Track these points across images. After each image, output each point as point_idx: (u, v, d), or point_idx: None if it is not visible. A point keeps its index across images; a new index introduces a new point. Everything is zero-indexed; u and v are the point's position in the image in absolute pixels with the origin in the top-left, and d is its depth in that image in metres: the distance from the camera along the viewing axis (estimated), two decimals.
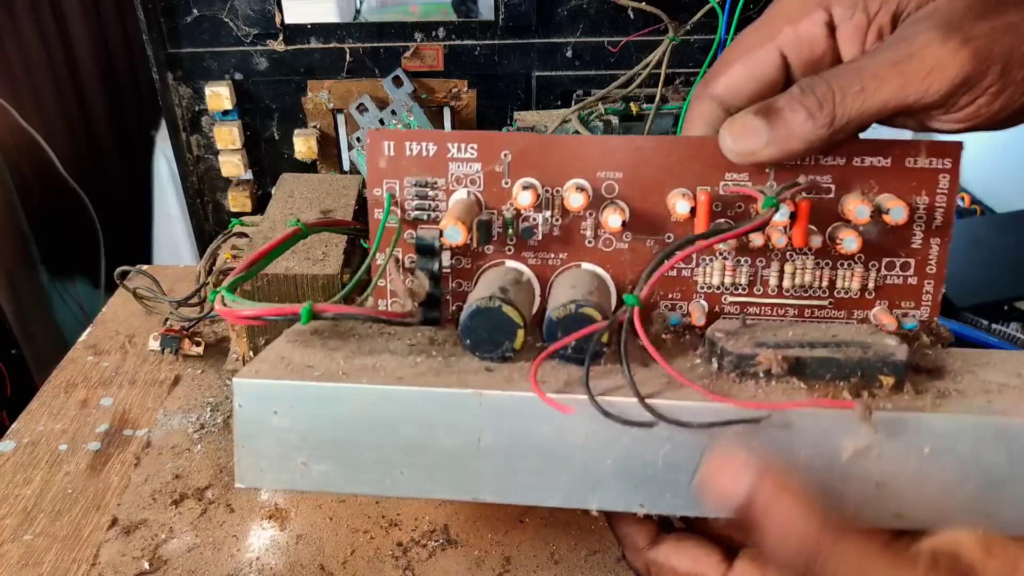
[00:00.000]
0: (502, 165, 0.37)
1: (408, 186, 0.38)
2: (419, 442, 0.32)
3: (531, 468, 0.32)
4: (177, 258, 1.46)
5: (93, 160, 1.44)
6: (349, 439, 0.33)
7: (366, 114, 0.63)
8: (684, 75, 0.65)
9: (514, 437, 0.32)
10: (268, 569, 0.43)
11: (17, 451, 0.52)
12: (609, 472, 0.32)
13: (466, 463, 0.32)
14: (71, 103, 1.38)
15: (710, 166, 0.36)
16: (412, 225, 0.38)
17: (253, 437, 0.33)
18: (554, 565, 0.44)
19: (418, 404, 0.32)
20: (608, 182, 0.37)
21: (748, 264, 0.38)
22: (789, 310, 0.38)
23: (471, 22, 0.64)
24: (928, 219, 0.37)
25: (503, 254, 0.39)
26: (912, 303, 0.38)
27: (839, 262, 0.37)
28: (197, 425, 0.53)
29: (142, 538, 0.45)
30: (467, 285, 0.39)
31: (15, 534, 0.46)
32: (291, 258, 0.47)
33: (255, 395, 0.32)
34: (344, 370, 0.33)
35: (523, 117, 0.64)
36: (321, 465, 0.33)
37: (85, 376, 0.59)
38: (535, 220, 0.38)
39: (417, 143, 0.37)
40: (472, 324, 0.34)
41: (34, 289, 1.27)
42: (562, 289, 0.36)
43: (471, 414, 0.32)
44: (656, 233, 0.38)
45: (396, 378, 0.33)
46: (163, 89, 0.65)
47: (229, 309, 0.34)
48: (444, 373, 0.33)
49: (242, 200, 0.69)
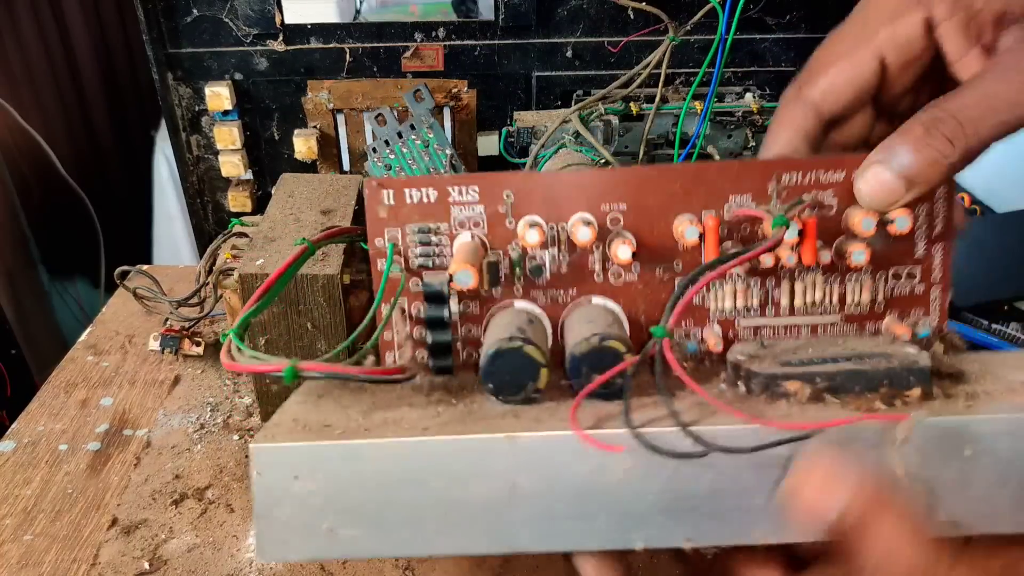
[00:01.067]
0: (505, 205, 0.37)
1: (410, 234, 0.37)
2: (451, 495, 0.31)
3: (569, 511, 0.31)
4: (177, 258, 1.46)
5: (93, 160, 1.44)
6: (377, 498, 0.31)
7: (385, 126, 0.62)
8: (684, 75, 0.65)
9: (550, 480, 0.31)
10: (268, 569, 0.43)
11: (17, 451, 0.52)
12: (651, 507, 0.31)
13: (501, 512, 0.31)
14: (71, 103, 1.38)
15: (713, 190, 0.36)
16: (416, 273, 0.38)
17: (274, 506, 0.31)
18: (553, 563, 0.43)
19: (448, 454, 0.31)
20: (613, 214, 0.37)
21: (759, 286, 0.38)
22: (802, 329, 0.38)
23: (471, 22, 0.64)
24: (929, 226, 0.37)
25: (512, 295, 0.38)
26: (922, 310, 0.38)
27: (847, 276, 0.37)
28: (197, 425, 0.53)
29: (142, 538, 0.45)
30: (477, 330, 0.39)
31: (15, 534, 0.46)
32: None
33: (274, 461, 0.31)
34: (365, 426, 0.32)
35: (523, 117, 0.64)
36: (349, 529, 0.31)
37: (85, 376, 0.59)
38: (542, 258, 0.38)
39: (417, 189, 0.37)
40: (493, 368, 0.33)
41: (34, 289, 1.27)
42: (579, 325, 0.36)
43: (504, 459, 0.31)
44: (665, 261, 0.38)
45: (421, 429, 0.31)
46: (163, 89, 0.65)
47: (236, 364, 0.33)
48: (470, 421, 0.32)
49: (242, 200, 0.69)
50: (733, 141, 0.62)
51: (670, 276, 0.38)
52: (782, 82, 0.66)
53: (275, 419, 0.33)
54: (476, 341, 0.39)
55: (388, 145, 0.62)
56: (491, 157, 0.67)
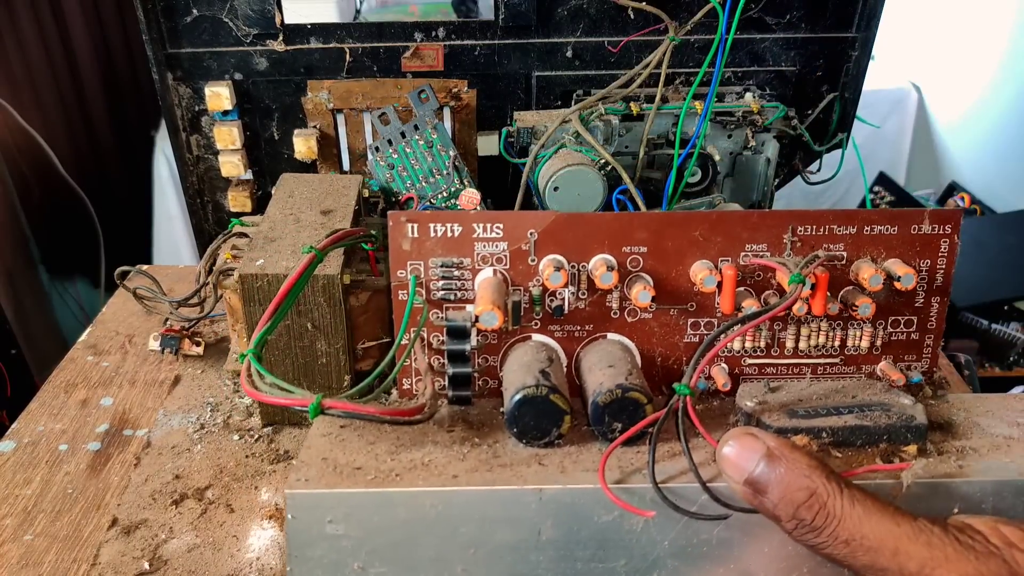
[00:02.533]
0: (528, 244, 0.38)
1: (433, 267, 0.38)
2: (478, 539, 0.32)
3: (590, 556, 0.33)
4: (177, 258, 1.46)
5: (93, 160, 1.44)
6: (407, 542, 0.32)
7: (388, 126, 0.62)
8: (684, 75, 0.65)
9: (574, 528, 0.32)
10: (268, 569, 0.43)
11: (17, 451, 0.52)
12: (667, 552, 0.33)
13: (525, 556, 0.33)
14: (71, 103, 1.38)
15: (731, 238, 0.38)
16: (437, 305, 0.39)
17: (307, 546, 0.32)
18: None
19: (478, 504, 0.32)
20: (633, 256, 0.38)
21: (767, 328, 0.40)
22: (804, 368, 0.40)
23: (471, 22, 0.64)
24: (930, 280, 0.39)
25: (530, 328, 0.39)
26: (914, 356, 0.41)
27: (850, 323, 0.40)
28: (197, 425, 0.53)
29: (142, 538, 0.45)
30: (493, 360, 0.39)
31: (15, 534, 0.46)
32: (292, 259, 0.47)
33: (309, 505, 0.32)
34: (395, 470, 0.33)
35: (523, 117, 0.64)
36: (377, 569, 0.33)
37: (85, 376, 0.59)
38: (563, 297, 0.39)
39: (442, 224, 0.38)
40: (519, 413, 0.34)
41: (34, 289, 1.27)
42: (599, 369, 0.37)
43: (531, 510, 0.32)
44: (680, 303, 0.39)
45: (451, 477, 0.33)
46: (163, 89, 0.65)
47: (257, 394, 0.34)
48: (496, 468, 0.33)
49: (242, 200, 0.69)
50: (733, 141, 0.62)
51: (685, 318, 0.39)
52: (782, 82, 0.66)
53: (303, 457, 0.34)
54: (493, 370, 0.40)
55: (391, 144, 0.62)
56: (491, 157, 0.67)
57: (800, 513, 0.29)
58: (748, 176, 0.63)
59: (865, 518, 0.29)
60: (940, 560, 0.28)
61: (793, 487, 0.29)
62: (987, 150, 2.04)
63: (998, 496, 0.32)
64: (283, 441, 0.52)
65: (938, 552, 0.28)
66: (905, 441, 0.34)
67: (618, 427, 0.34)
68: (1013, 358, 1.53)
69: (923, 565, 0.28)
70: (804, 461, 0.30)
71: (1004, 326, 1.57)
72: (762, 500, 0.30)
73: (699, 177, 0.62)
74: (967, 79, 2.07)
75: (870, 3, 0.64)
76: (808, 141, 0.65)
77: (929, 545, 0.28)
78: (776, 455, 0.30)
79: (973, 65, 2.06)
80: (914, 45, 2.13)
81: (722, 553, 0.33)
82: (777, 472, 0.30)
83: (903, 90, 2.11)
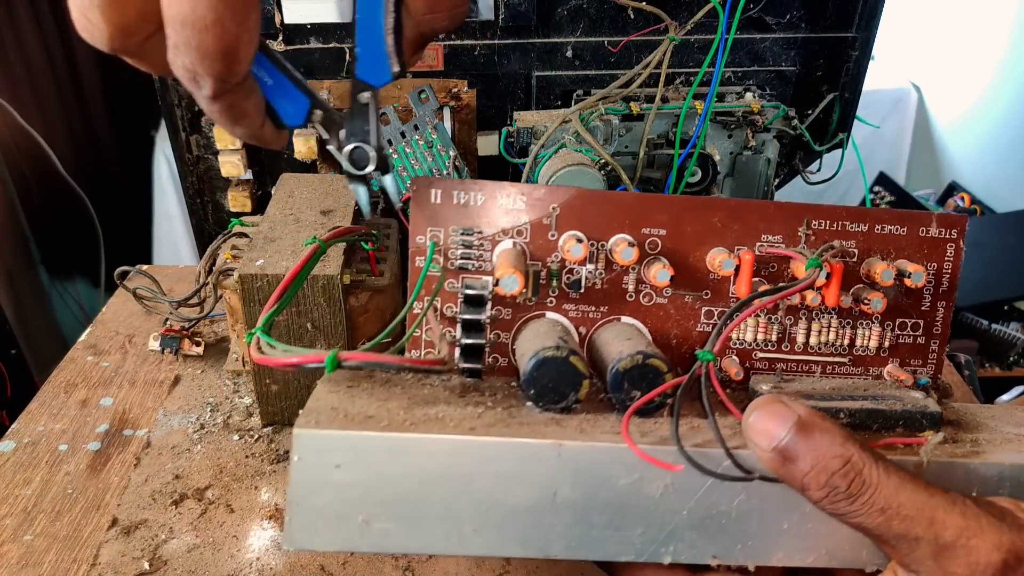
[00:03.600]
0: (550, 218, 0.38)
1: (454, 235, 0.38)
2: (492, 496, 0.31)
3: (606, 522, 0.32)
4: (177, 258, 1.46)
5: (93, 160, 1.44)
6: (417, 494, 0.31)
7: (388, 126, 0.62)
8: (684, 75, 0.65)
9: (592, 490, 0.31)
10: (268, 569, 0.43)
11: (17, 451, 0.52)
12: (684, 523, 0.32)
13: (539, 518, 0.31)
14: (71, 103, 1.38)
15: (748, 227, 0.38)
16: (453, 275, 0.38)
17: (310, 493, 0.30)
18: (553, 565, 0.43)
19: (494, 458, 0.31)
20: (652, 238, 0.38)
21: (778, 322, 0.40)
22: (813, 366, 0.41)
23: (471, 22, 0.64)
24: (936, 284, 0.40)
25: (544, 306, 0.39)
26: (920, 361, 0.41)
27: (859, 322, 0.40)
28: (197, 425, 0.53)
29: (142, 538, 0.45)
30: (505, 336, 0.39)
31: (15, 534, 0.46)
32: (292, 259, 0.47)
33: (318, 447, 0.30)
34: (409, 420, 0.31)
35: (523, 117, 0.64)
36: (383, 523, 0.31)
37: (85, 376, 0.59)
38: (580, 273, 0.38)
39: (465, 192, 0.38)
40: (538, 374, 0.33)
41: (34, 289, 1.27)
42: (617, 341, 0.36)
43: (549, 466, 0.31)
44: (695, 289, 0.39)
45: (468, 428, 0.31)
46: (163, 89, 0.65)
47: (267, 358, 0.32)
48: (514, 424, 0.32)
49: (242, 200, 0.69)
50: (733, 141, 0.62)
51: (699, 304, 0.40)
52: (782, 82, 0.66)
53: (312, 405, 0.32)
54: (503, 347, 0.39)
55: (391, 144, 0.62)
56: (491, 157, 0.67)
57: (834, 481, 0.29)
58: (748, 176, 0.64)
59: (901, 487, 0.29)
60: (975, 530, 0.28)
61: (827, 455, 0.29)
62: (987, 150, 2.04)
63: (1015, 482, 0.32)
64: (283, 441, 0.52)
65: (973, 522, 0.28)
66: (920, 427, 0.34)
67: (636, 395, 0.33)
68: (1013, 358, 1.54)
69: (959, 534, 0.28)
70: (836, 430, 0.30)
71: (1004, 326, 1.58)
72: (791, 468, 0.30)
73: (699, 177, 0.62)
74: (967, 79, 2.07)
75: (870, 3, 0.64)
76: (808, 141, 0.65)
77: (964, 515, 0.28)
78: (808, 423, 0.30)
79: (973, 65, 2.06)
80: (914, 45, 2.13)
81: (740, 528, 0.32)
82: (809, 440, 0.29)
83: (903, 90, 2.11)
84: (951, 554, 0.28)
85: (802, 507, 0.32)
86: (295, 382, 0.50)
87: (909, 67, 2.13)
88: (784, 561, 0.32)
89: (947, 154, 2.17)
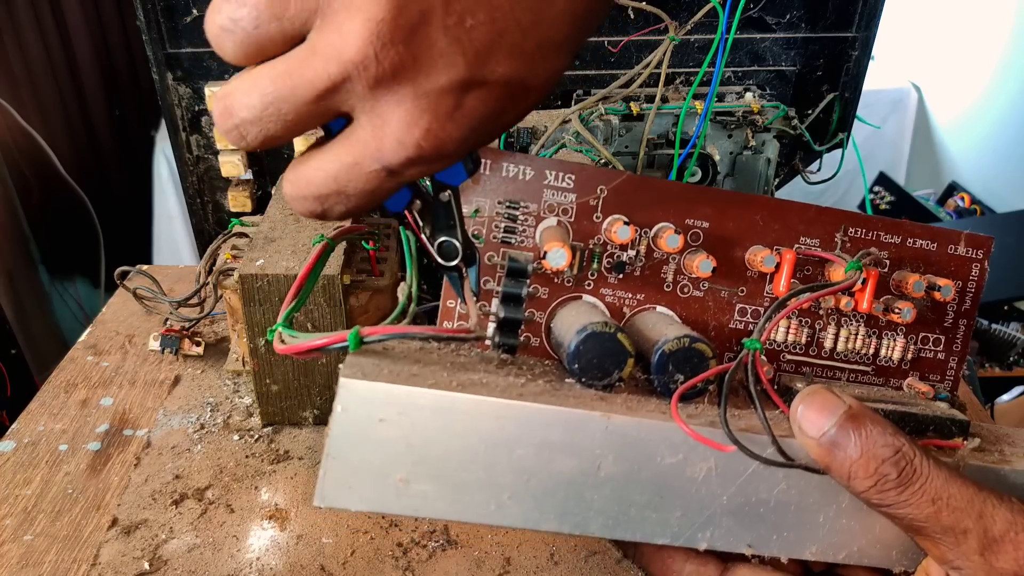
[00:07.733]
0: (597, 199, 0.38)
1: (500, 207, 0.38)
2: (535, 465, 0.30)
3: (646, 501, 0.31)
4: (177, 258, 1.46)
5: (93, 160, 1.44)
6: (458, 456, 0.30)
7: None
8: (684, 75, 0.65)
9: (635, 466, 0.31)
10: (268, 569, 0.43)
11: (17, 451, 0.52)
12: (723, 509, 0.31)
13: (580, 492, 0.31)
14: (71, 103, 1.38)
15: (788, 228, 0.39)
16: (495, 247, 0.38)
17: (350, 447, 0.29)
18: (554, 566, 0.43)
19: (542, 424, 0.30)
20: (695, 230, 0.39)
21: (808, 326, 0.40)
22: (839, 372, 0.41)
23: None
24: (960, 301, 0.41)
25: (582, 288, 0.39)
26: (938, 376, 0.42)
27: (885, 332, 0.41)
28: (197, 425, 0.53)
29: (142, 538, 0.45)
30: (539, 316, 0.39)
31: (15, 534, 0.46)
32: (292, 259, 0.47)
33: (364, 399, 0.29)
34: (456, 381, 0.30)
35: None
36: (421, 484, 0.30)
37: (85, 376, 0.59)
38: (622, 256, 0.39)
39: (515, 165, 0.37)
40: (584, 348, 0.33)
41: (34, 289, 1.27)
42: (660, 326, 0.36)
43: (596, 439, 0.30)
44: (732, 285, 0.40)
45: (516, 395, 0.30)
46: (163, 89, 0.65)
47: (290, 346, 0.31)
48: (560, 395, 0.31)
49: (242, 200, 0.69)
50: (733, 141, 0.62)
51: (735, 299, 0.40)
52: (782, 82, 0.66)
53: (353, 360, 0.30)
54: (536, 327, 0.39)
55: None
56: None
57: (884, 469, 0.29)
58: (748, 176, 0.63)
59: (951, 479, 0.29)
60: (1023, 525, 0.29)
61: (878, 443, 0.29)
62: (987, 150, 2.04)
63: None
64: (283, 441, 0.52)
65: (1021, 518, 0.29)
66: (950, 434, 0.34)
67: (680, 379, 0.33)
68: (1013, 358, 1.54)
69: (1008, 528, 0.28)
70: (886, 422, 0.30)
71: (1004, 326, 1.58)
72: (839, 457, 0.30)
73: (699, 177, 0.62)
74: (967, 79, 2.07)
75: (870, 3, 0.64)
76: (808, 141, 0.65)
77: (1012, 511, 0.29)
78: (858, 413, 0.30)
79: (973, 65, 2.06)
80: (914, 45, 2.13)
81: (778, 518, 0.32)
82: (860, 429, 0.30)
83: (903, 90, 2.11)
84: (999, 548, 0.28)
85: (839, 502, 0.32)
86: (295, 382, 0.50)
87: (909, 67, 2.14)
88: (817, 556, 0.32)
89: (947, 154, 2.17)
